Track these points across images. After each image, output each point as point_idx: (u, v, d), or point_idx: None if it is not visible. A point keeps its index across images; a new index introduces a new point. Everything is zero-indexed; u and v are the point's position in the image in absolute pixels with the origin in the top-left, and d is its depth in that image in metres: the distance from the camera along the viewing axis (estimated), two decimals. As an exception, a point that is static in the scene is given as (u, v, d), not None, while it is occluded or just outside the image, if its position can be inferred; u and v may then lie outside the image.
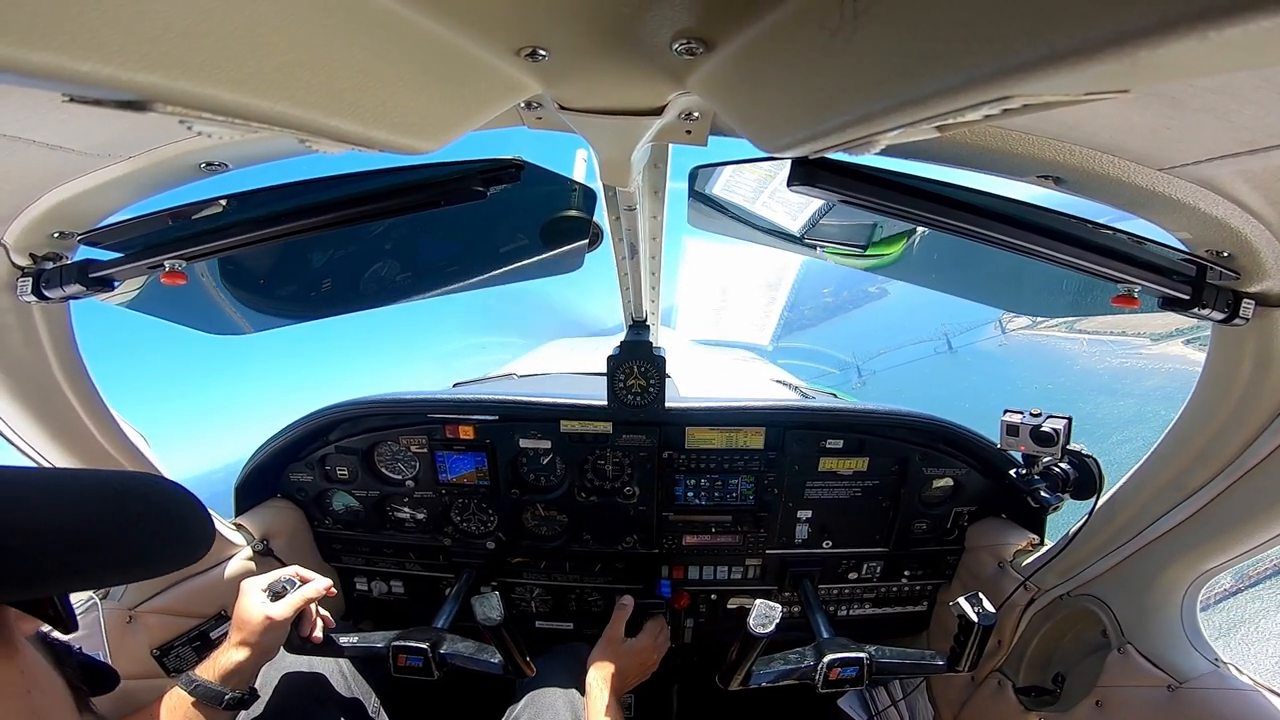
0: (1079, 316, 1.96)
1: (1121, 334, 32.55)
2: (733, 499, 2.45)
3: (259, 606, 1.66)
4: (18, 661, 0.83)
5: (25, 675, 0.83)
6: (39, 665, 0.88)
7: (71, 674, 0.94)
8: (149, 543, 0.86)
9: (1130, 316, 9.61)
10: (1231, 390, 1.37)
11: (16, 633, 0.85)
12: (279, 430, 2.41)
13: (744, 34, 0.67)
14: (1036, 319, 31.31)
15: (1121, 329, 32.28)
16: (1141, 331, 28.37)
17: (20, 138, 0.92)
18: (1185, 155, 0.88)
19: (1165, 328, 28.08)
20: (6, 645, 0.82)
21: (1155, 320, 58.47)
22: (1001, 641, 2.16)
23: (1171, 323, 48.53)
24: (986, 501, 2.46)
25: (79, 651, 1.01)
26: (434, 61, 0.71)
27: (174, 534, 0.88)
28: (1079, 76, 0.40)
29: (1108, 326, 32.50)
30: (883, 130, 0.63)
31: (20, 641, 0.85)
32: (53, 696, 0.88)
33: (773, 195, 1.70)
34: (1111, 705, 1.72)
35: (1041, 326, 37.31)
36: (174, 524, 0.88)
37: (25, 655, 0.85)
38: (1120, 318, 5.00)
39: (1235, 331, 1.28)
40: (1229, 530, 1.49)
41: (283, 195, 1.31)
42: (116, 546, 0.82)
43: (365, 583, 2.72)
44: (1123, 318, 9.40)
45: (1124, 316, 1.52)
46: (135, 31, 0.46)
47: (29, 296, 1.31)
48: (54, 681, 0.90)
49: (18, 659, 0.83)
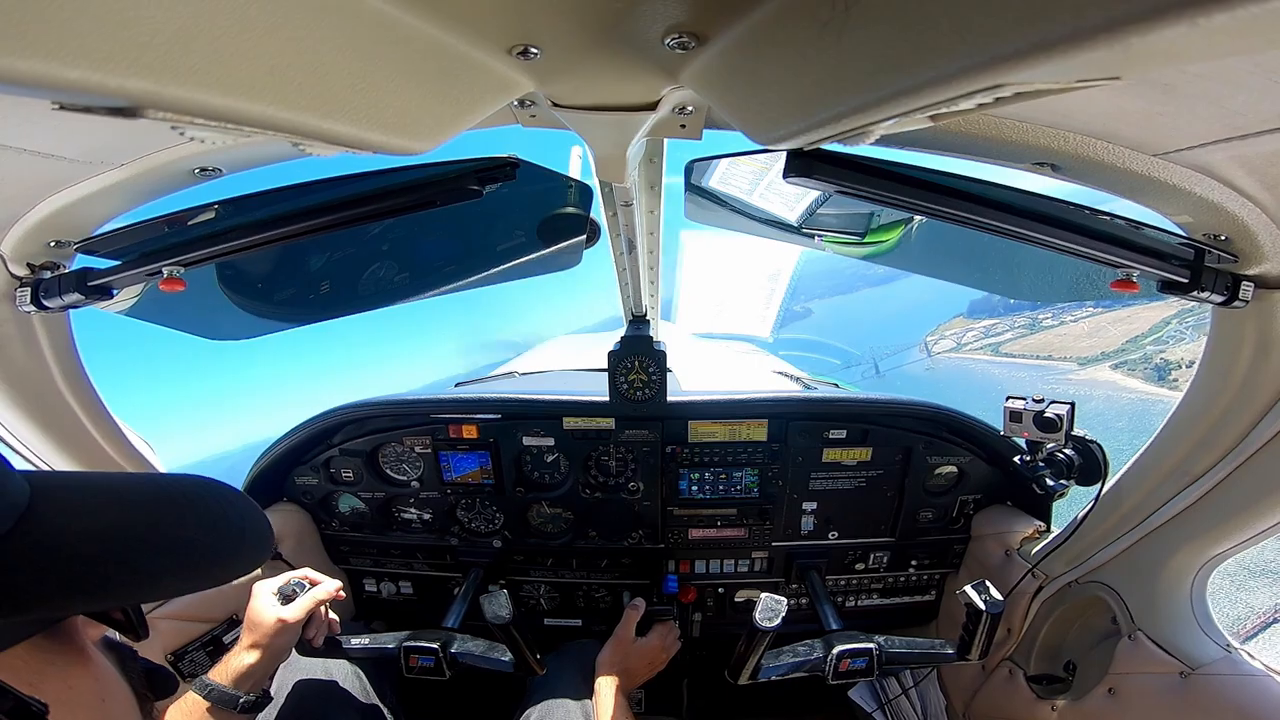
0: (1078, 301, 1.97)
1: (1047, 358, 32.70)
2: (737, 492, 2.45)
3: (270, 609, 1.66)
4: (91, 669, 0.82)
5: (99, 683, 0.82)
6: (109, 672, 0.86)
7: (135, 679, 0.93)
8: (217, 547, 0.83)
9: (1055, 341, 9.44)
10: (1233, 374, 1.37)
11: (86, 639, 0.84)
12: (283, 434, 2.41)
13: (736, 27, 0.67)
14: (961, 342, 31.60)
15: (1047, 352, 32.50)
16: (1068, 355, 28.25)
17: (11, 146, 0.92)
18: (1179, 141, 0.88)
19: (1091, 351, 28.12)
20: (80, 653, 0.81)
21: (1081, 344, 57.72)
22: (1011, 629, 2.17)
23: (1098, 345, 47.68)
24: (992, 489, 2.46)
25: (141, 657, 1.00)
26: (426, 62, 0.71)
27: (238, 538, 0.85)
28: (1070, 64, 0.40)
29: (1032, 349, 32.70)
30: (877, 120, 0.63)
31: (91, 648, 0.84)
32: (123, 703, 0.87)
33: (769, 186, 1.70)
34: (1124, 693, 1.72)
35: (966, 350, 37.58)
36: (235, 528, 0.85)
37: (97, 662, 0.84)
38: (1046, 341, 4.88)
39: (1235, 314, 1.27)
40: (1236, 515, 1.48)
41: (278, 199, 1.31)
42: (185, 553, 0.79)
43: (374, 584, 2.73)
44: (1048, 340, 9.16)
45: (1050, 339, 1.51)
46: (123, 37, 0.45)
47: (28, 306, 1.31)
48: (122, 688, 0.89)
49: (91, 666, 0.82)
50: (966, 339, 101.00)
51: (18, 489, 0.67)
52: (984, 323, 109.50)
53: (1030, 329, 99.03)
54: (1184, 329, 79.33)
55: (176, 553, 0.78)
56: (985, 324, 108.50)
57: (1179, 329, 79.67)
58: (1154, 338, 75.93)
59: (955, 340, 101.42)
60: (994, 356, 37.20)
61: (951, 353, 32.78)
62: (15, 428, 1.52)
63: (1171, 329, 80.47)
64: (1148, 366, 69.05)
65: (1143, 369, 68.81)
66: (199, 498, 0.83)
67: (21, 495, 0.66)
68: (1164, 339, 75.78)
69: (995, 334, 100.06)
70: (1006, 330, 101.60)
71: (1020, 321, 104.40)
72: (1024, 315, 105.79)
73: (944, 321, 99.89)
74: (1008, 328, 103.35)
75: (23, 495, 0.66)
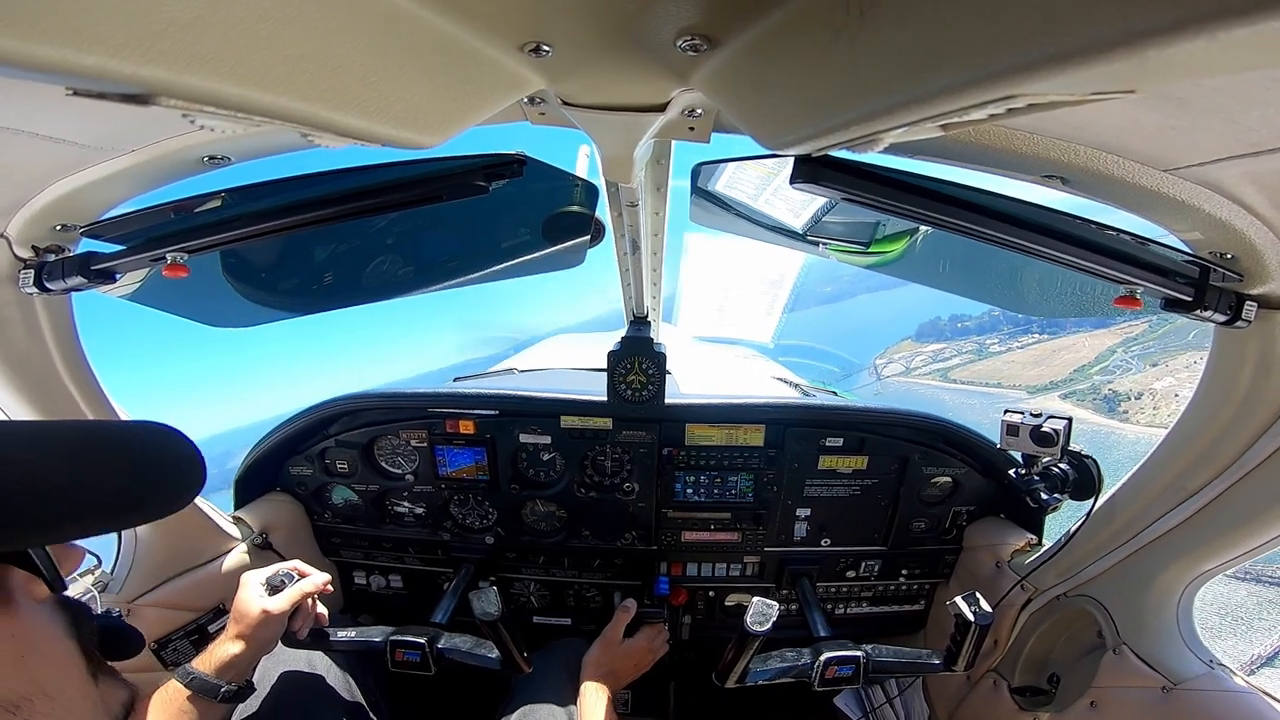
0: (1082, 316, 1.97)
1: (996, 385, 32.72)
2: (732, 496, 2.45)
3: (256, 600, 1.66)
4: (11, 625, 0.80)
5: (19, 641, 0.81)
6: (40, 629, 0.85)
7: (87, 638, 0.91)
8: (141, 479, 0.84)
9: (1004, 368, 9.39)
10: (1233, 393, 1.37)
11: (21, 596, 0.82)
12: (279, 423, 2.41)
13: (748, 31, 0.67)
14: (909, 366, 31.63)
15: (996, 379, 32.57)
16: (1016, 383, 28.08)
17: (23, 130, 0.92)
18: (1191, 156, 0.88)
19: (1039, 379, 28.13)
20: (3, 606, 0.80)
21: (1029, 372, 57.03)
22: (998, 641, 2.17)
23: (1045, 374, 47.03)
24: (985, 501, 2.46)
25: (99, 615, 0.98)
26: (437, 57, 0.71)
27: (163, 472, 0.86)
28: (1085, 76, 0.40)
29: (981, 376, 32.71)
30: (887, 128, 0.63)
31: (24, 604, 0.82)
32: (55, 662, 0.86)
33: (776, 192, 1.70)
34: (1106, 706, 1.72)
35: (915, 374, 37.64)
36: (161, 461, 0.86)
37: (25, 618, 0.82)
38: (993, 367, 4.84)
39: (1237, 334, 1.27)
40: (1228, 532, 1.49)
41: (285, 189, 1.31)
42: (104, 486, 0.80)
43: (364, 577, 2.72)
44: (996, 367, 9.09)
45: (998, 366, 1.51)
46: (139, 25, 0.46)
47: (31, 288, 1.32)
48: (62, 646, 0.87)
49: (13, 623, 0.81)
50: (915, 363, 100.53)
51: None
52: (931, 347, 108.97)
53: (978, 355, 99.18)
54: (1129, 359, 79.43)
55: (92, 491, 0.79)
56: (933, 348, 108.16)
57: (1124, 359, 79.74)
58: (1100, 367, 76.11)
59: (904, 364, 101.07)
60: (942, 382, 37.22)
61: (900, 376, 32.59)
62: (11, 408, 1.52)
63: (1117, 358, 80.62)
64: (1097, 397, 69.03)
65: (1092, 399, 68.87)
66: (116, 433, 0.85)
67: None
68: (1110, 369, 75.93)
69: (943, 359, 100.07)
70: (954, 355, 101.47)
71: (967, 347, 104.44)
72: (971, 340, 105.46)
73: (892, 344, 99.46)
74: (955, 353, 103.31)
75: None
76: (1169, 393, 59.70)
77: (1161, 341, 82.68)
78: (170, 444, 0.88)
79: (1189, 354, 73.86)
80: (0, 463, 0.71)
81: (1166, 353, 78.09)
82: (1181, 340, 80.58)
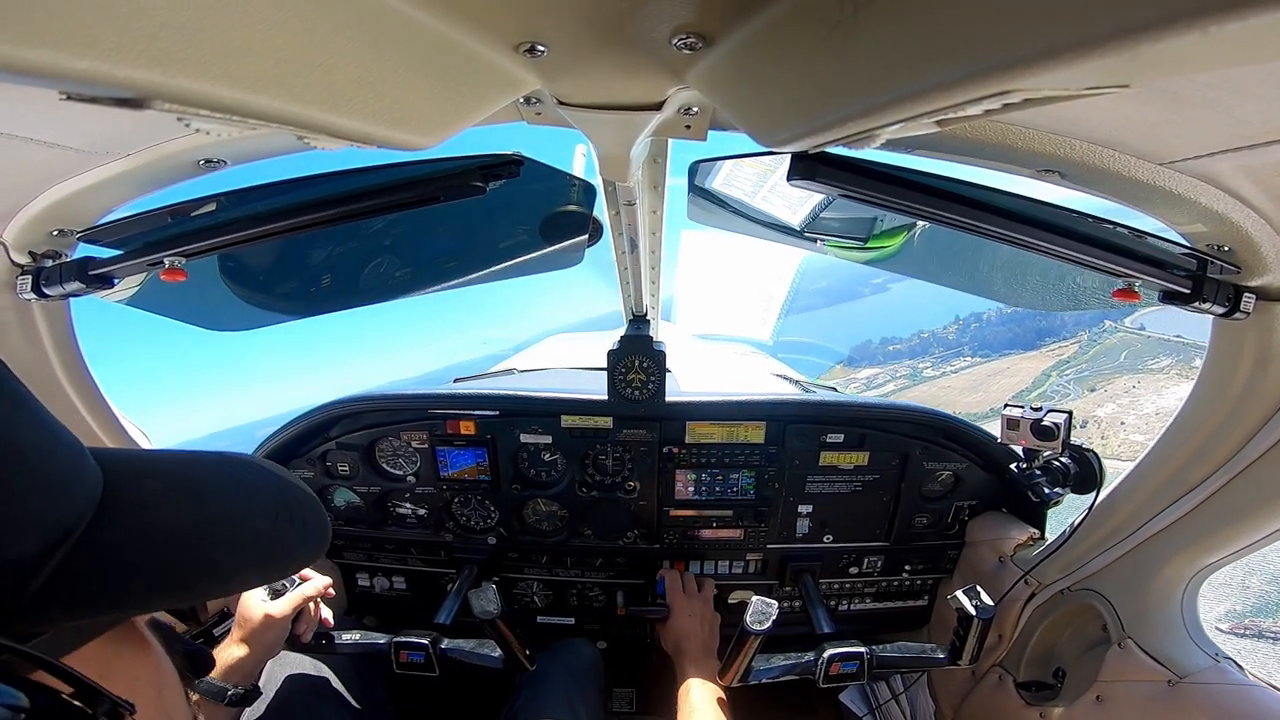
0: (1080, 309, 1.98)
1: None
2: (733, 493, 2.45)
3: (259, 605, 1.67)
4: (151, 659, 0.77)
5: (158, 672, 0.78)
6: (163, 659, 0.81)
7: (179, 660, 0.87)
8: (286, 541, 0.78)
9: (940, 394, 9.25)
10: (1232, 385, 1.37)
11: (142, 626, 0.79)
12: (280, 427, 2.41)
13: (743, 29, 0.67)
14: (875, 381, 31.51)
15: (935, 407, 32.90)
16: (957, 411, 27.92)
17: (17, 135, 0.92)
18: (1186, 150, 0.88)
19: (980, 406, 28.01)
20: (142, 642, 0.77)
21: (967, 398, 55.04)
22: (1002, 636, 2.17)
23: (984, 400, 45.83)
24: (987, 496, 2.46)
25: (180, 635, 0.94)
26: (433, 58, 0.71)
27: (301, 528, 0.80)
28: (1079, 71, 0.40)
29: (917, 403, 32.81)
30: (883, 125, 0.63)
31: (148, 634, 0.79)
32: (175, 690, 0.82)
33: (773, 189, 1.70)
34: (1112, 700, 1.72)
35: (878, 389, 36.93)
36: (299, 519, 0.79)
37: (155, 650, 0.79)
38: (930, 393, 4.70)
39: (1235, 326, 1.28)
40: (1230, 525, 1.49)
41: (282, 191, 1.31)
42: (259, 549, 0.75)
43: (367, 579, 2.72)
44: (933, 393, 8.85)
45: (934, 391, 1.49)
46: (132, 28, 0.45)
47: (29, 294, 1.32)
48: (171, 673, 0.83)
49: (151, 656, 0.78)
50: (849, 391, 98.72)
51: (92, 475, 0.61)
52: (865, 372, 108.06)
53: (912, 380, 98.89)
54: (1065, 383, 79.24)
55: (252, 549, 0.75)
56: (867, 373, 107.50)
57: (1060, 383, 79.61)
58: (1037, 393, 75.80)
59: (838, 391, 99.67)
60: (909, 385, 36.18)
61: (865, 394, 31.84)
62: None
63: (1053, 383, 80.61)
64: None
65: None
66: (260, 487, 0.79)
67: (96, 482, 0.61)
68: (1047, 394, 75.65)
69: (876, 385, 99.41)
70: (888, 381, 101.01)
71: (902, 371, 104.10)
72: (905, 364, 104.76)
73: (823, 372, 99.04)
74: (889, 378, 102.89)
75: (97, 483, 0.61)
76: (1114, 420, 58.74)
77: (1093, 364, 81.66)
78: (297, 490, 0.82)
79: (1125, 378, 73.28)
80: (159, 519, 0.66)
81: (1101, 376, 77.47)
82: (1114, 362, 79.90)
